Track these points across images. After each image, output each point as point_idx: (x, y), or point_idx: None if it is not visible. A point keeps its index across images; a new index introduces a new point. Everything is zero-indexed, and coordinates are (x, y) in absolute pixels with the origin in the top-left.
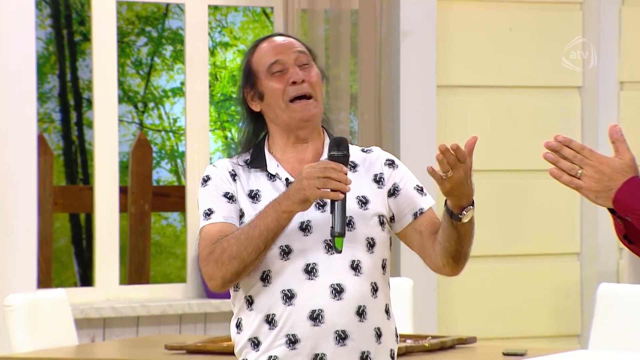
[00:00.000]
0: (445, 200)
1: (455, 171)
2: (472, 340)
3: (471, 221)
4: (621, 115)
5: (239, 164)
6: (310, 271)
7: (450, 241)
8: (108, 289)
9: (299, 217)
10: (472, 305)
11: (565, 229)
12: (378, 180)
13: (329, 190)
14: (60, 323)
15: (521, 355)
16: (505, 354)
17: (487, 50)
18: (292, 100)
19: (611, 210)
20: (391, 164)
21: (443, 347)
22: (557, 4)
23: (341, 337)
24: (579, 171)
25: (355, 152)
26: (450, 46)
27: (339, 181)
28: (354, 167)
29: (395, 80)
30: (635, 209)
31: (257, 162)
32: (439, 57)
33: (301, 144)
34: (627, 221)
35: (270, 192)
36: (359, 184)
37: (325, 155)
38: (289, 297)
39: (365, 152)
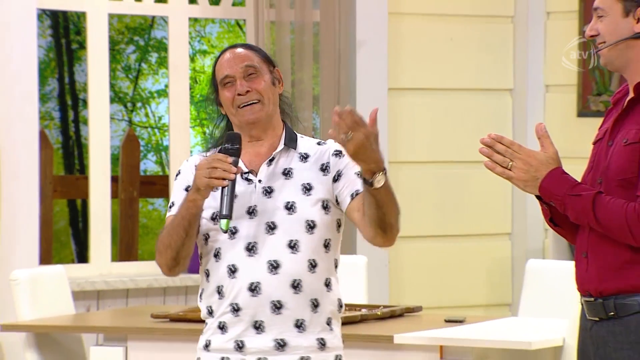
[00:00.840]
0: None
1: (355, 134)
2: (418, 309)
3: (387, 188)
4: (546, 114)
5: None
6: (250, 249)
7: (372, 208)
8: (101, 265)
9: (247, 202)
10: (419, 278)
11: (498, 213)
12: (324, 168)
13: (215, 178)
14: (59, 295)
15: (460, 321)
16: (446, 321)
17: (432, 58)
18: (240, 106)
19: (538, 197)
20: (338, 153)
21: (393, 315)
22: (492, 18)
23: (276, 307)
24: (510, 163)
25: (311, 145)
26: (400, 54)
27: (225, 170)
28: (305, 158)
29: (352, 84)
30: (557, 195)
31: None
32: (390, 63)
33: (256, 141)
34: (552, 206)
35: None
36: (306, 173)
37: (281, 147)
38: (232, 271)
39: (320, 144)
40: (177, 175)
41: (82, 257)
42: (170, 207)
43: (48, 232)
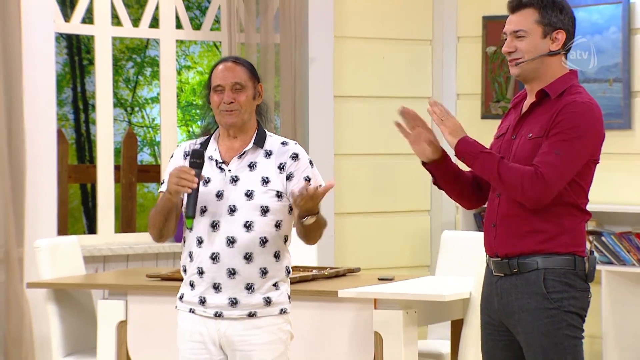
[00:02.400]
0: None
1: (305, 204)
2: (357, 270)
3: (315, 224)
4: (457, 116)
5: (195, 145)
6: (214, 226)
7: (298, 229)
8: (106, 236)
9: (217, 187)
10: (357, 246)
11: (420, 194)
12: (281, 167)
13: (181, 186)
14: (73, 259)
15: (390, 279)
16: (379, 279)
17: (368, 71)
18: (222, 110)
19: (423, 164)
20: (295, 157)
21: (337, 275)
22: (415, 40)
23: (231, 273)
24: (443, 118)
25: (276, 143)
26: (343, 68)
27: (189, 180)
28: (269, 154)
29: (305, 92)
30: (472, 151)
31: (205, 145)
32: (335, 76)
33: (233, 138)
34: (435, 170)
35: (206, 168)
36: (267, 167)
37: (250, 146)
38: (200, 242)
39: (284, 145)
40: (170, 157)
41: (91, 229)
42: (162, 183)
43: (64, 210)
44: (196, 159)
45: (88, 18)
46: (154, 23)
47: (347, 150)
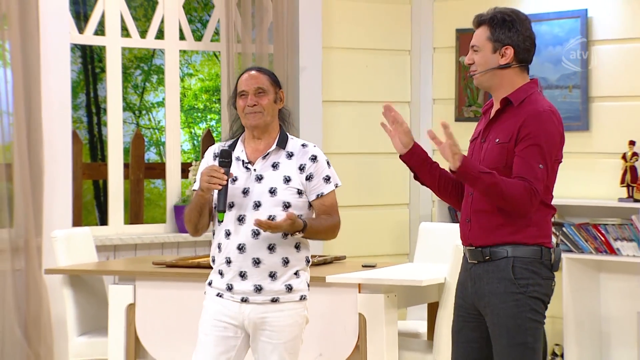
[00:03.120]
0: None
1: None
2: (342, 258)
3: (308, 236)
4: (433, 119)
5: (224, 147)
6: (240, 219)
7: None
8: (117, 227)
9: (243, 184)
10: (343, 236)
11: (400, 189)
12: (301, 168)
13: (212, 184)
14: (86, 248)
15: (373, 266)
16: (363, 266)
17: (354, 79)
18: (247, 113)
19: (400, 157)
20: (314, 159)
21: (325, 262)
22: (395, 51)
23: (256, 262)
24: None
25: (297, 146)
26: (330, 76)
27: (218, 178)
28: (290, 156)
29: (296, 97)
30: (473, 173)
31: (232, 146)
32: (324, 82)
33: (257, 139)
34: (415, 168)
35: (233, 167)
36: (288, 167)
37: (274, 147)
38: (228, 234)
39: (304, 147)
40: (203, 157)
41: (103, 221)
42: (194, 182)
43: (78, 203)
44: (225, 158)
45: (100, 30)
46: (160, 35)
47: (334, 150)
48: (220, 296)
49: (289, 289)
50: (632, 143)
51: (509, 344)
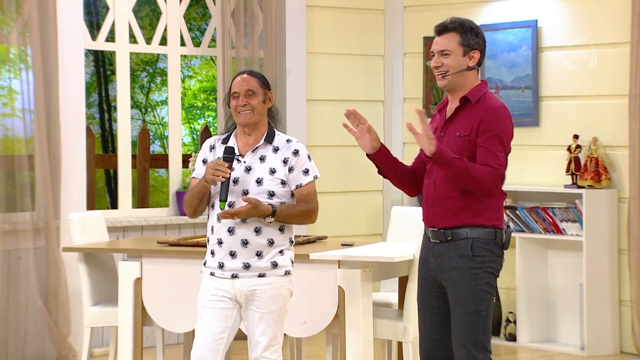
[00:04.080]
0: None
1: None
2: (324, 237)
3: (279, 220)
4: (404, 117)
5: (219, 140)
6: (230, 205)
7: None
8: (126, 210)
9: (234, 175)
10: (325, 218)
11: (374, 178)
12: (285, 161)
13: (216, 176)
14: (98, 229)
15: (351, 245)
16: (342, 245)
17: (334, 80)
18: (238, 112)
19: (367, 155)
20: (296, 153)
21: (309, 242)
22: (370, 55)
23: (244, 243)
24: (420, 129)
25: (282, 141)
26: (313, 78)
27: (221, 171)
28: (276, 150)
29: (283, 96)
30: (446, 158)
31: (226, 140)
32: (308, 84)
33: (247, 135)
34: (376, 160)
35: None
36: (274, 160)
37: (262, 142)
38: (219, 218)
39: (288, 141)
40: (200, 148)
41: (113, 205)
42: (193, 171)
43: (91, 190)
44: (229, 154)
45: (110, 37)
46: (163, 41)
47: (317, 143)
48: (213, 275)
49: (274, 265)
50: (576, 137)
51: (466, 312)
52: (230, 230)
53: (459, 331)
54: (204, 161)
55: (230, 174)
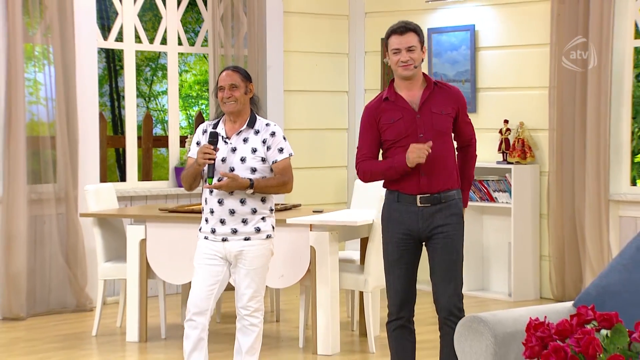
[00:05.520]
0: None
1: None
2: (298, 205)
3: (259, 191)
4: (365, 103)
5: (210, 125)
6: (220, 180)
7: None
8: (132, 183)
9: (222, 154)
10: (298, 189)
11: (341, 156)
12: (263, 142)
13: (206, 159)
14: (110, 198)
15: (321, 211)
16: (314, 211)
17: (306, 74)
18: (224, 102)
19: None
20: (272, 134)
21: (286, 209)
22: (336, 53)
23: (232, 212)
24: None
25: (262, 124)
26: (290, 72)
27: (209, 154)
28: (257, 132)
29: (265, 88)
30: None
31: (216, 125)
32: (285, 76)
33: (233, 121)
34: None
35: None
36: (255, 141)
37: (245, 127)
38: (211, 191)
39: (267, 125)
40: (195, 131)
41: (122, 178)
42: (188, 151)
43: (104, 165)
44: (213, 138)
45: (119, 38)
46: (163, 41)
47: (293, 127)
48: (206, 238)
49: (258, 230)
50: (506, 121)
51: (458, 259)
52: (220, 202)
53: (449, 276)
54: (198, 143)
55: (216, 154)
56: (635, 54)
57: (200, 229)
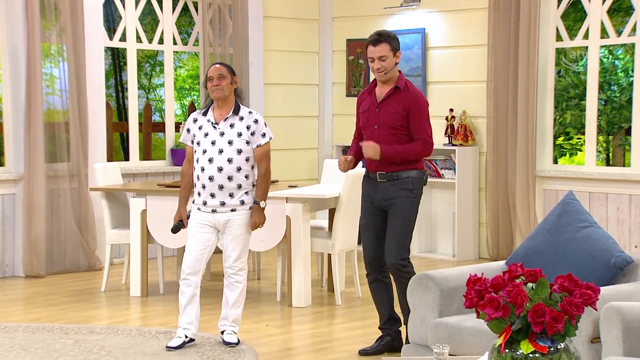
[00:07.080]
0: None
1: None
2: (276, 181)
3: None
4: (333, 96)
5: (200, 113)
6: (210, 160)
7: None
8: (135, 162)
9: (212, 138)
10: (276, 167)
11: (312, 139)
12: (248, 127)
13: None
14: (115, 175)
15: (295, 186)
16: (289, 186)
17: (283, 69)
18: (212, 90)
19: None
20: (256, 121)
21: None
22: (307, 52)
23: (221, 187)
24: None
25: (246, 112)
26: (269, 68)
27: (184, 227)
28: (242, 119)
29: (247, 81)
30: (392, 154)
31: (205, 113)
32: (265, 71)
33: (221, 108)
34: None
35: (206, 127)
36: (240, 126)
37: (230, 114)
38: (202, 170)
39: (250, 113)
40: (186, 120)
41: (126, 158)
42: (182, 134)
43: (110, 147)
44: (176, 230)
45: (123, 38)
46: (161, 41)
47: (272, 114)
48: (199, 209)
49: (242, 202)
50: (451, 110)
51: (403, 225)
52: (210, 178)
53: (394, 238)
54: (188, 130)
55: (182, 228)
56: (557, 54)
57: (193, 201)
